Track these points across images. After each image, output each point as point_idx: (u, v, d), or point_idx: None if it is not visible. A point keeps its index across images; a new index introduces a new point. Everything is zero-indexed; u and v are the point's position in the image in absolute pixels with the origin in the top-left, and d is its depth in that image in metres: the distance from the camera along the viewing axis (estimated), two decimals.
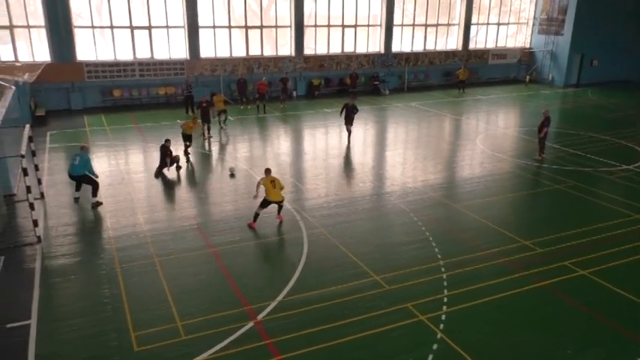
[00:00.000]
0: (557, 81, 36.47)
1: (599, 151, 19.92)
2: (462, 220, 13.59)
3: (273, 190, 12.72)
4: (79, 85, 26.24)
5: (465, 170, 17.92)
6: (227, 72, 29.03)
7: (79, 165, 13.87)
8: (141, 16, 27.02)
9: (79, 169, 13.88)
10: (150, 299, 9.71)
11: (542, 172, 17.44)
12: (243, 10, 29.26)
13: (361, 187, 15.68)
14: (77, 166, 13.87)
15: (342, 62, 32.30)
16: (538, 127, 18.69)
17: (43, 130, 21.79)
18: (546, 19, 36.60)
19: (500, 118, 26.73)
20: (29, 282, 10.24)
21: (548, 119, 18.39)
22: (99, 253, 11.46)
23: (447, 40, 36.24)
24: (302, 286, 10.23)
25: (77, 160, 13.90)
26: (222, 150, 19.77)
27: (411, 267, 10.99)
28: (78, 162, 13.88)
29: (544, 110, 18.90)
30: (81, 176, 13.93)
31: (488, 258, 11.45)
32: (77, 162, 13.88)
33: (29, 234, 12.11)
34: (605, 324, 9.22)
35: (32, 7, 24.98)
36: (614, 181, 16.64)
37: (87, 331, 8.76)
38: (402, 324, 9.03)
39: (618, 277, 10.72)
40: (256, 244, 12.10)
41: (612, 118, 25.70)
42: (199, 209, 14.13)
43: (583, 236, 12.60)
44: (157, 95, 28.01)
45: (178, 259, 11.28)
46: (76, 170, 13.89)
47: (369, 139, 22.38)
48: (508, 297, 9.96)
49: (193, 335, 8.67)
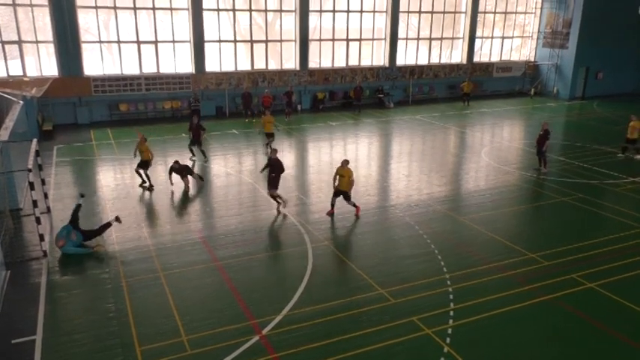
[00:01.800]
0: (562, 94, 36.46)
1: (606, 163, 19.86)
2: (468, 233, 13.54)
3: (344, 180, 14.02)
4: (86, 100, 26.46)
5: (470, 183, 17.88)
6: (232, 86, 29.22)
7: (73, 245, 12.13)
8: (147, 31, 27.31)
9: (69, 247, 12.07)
10: (155, 313, 9.69)
11: (548, 184, 17.38)
12: (248, 25, 29.52)
13: (366, 200, 15.67)
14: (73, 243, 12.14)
15: (346, 75, 32.45)
16: (537, 140, 18.73)
17: (50, 145, 21.94)
18: (551, 32, 36.71)
19: (505, 131, 26.71)
20: (35, 296, 10.25)
21: (547, 132, 18.42)
22: (104, 268, 11.48)
23: (452, 53, 36.37)
24: (307, 299, 10.20)
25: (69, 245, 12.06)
26: (226, 164, 19.83)
27: (417, 280, 10.94)
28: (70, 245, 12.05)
29: (543, 123, 18.96)
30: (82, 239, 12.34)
31: (494, 271, 11.38)
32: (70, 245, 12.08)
33: (35, 248, 12.14)
34: (613, 336, 9.13)
35: (40, 23, 25.30)
36: (621, 194, 16.56)
37: (92, 346, 8.74)
38: (408, 338, 8.97)
39: (625, 289, 10.64)
40: (261, 258, 12.09)
41: (618, 130, 25.61)
42: (204, 223, 14.15)
43: (590, 249, 12.52)
44: (162, 109, 28.19)
45: (184, 272, 11.27)
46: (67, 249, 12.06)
47: (374, 151, 22.40)
48: (515, 310, 9.89)
49: (199, 350, 8.64)
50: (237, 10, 28.94)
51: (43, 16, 25.19)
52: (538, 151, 18.75)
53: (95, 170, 18.74)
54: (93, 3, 25.75)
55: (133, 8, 26.52)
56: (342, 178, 14.09)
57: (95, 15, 26.10)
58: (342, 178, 14.09)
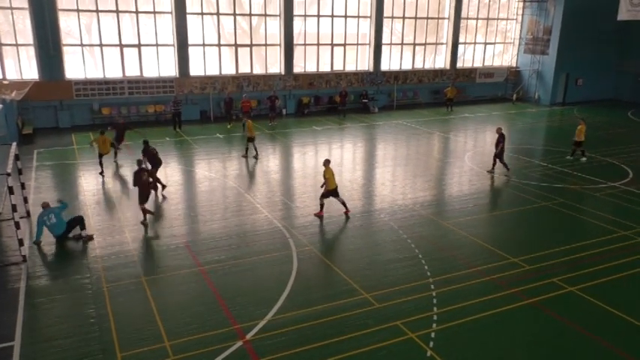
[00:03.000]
0: (543, 99, 36.97)
1: (586, 168, 20.15)
2: (452, 237, 13.62)
3: (333, 179, 14.43)
4: (67, 103, 26.15)
5: (453, 188, 18.01)
6: (217, 90, 29.10)
7: (57, 223, 12.66)
8: (130, 34, 27.10)
9: (59, 227, 12.70)
10: (137, 319, 9.58)
11: (529, 189, 17.57)
12: (232, 29, 29.46)
13: (351, 205, 15.69)
14: (56, 225, 12.66)
15: (331, 80, 32.54)
16: (495, 144, 19.14)
17: (30, 148, 21.63)
18: (532, 39, 37.23)
19: (487, 136, 26.95)
20: (14, 302, 10.08)
21: (503, 136, 18.85)
22: (85, 273, 11.32)
23: (435, 59, 36.68)
24: (291, 304, 10.16)
25: (53, 219, 12.60)
26: (210, 169, 19.72)
27: (401, 284, 10.97)
28: (55, 220, 12.62)
29: (497, 128, 19.35)
30: (65, 231, 12.80)
31: (477, 275, 11.46)
32: (54, 220, 12.61)
33: (14, 253, 11.95)
34: (593, 340, 9.24)
35: (21, 25, 24.98)
36: (601, 199, 16.80)
37: (72, 352, 8.61)
38: (392, 342, 8.98)
39: (606, 293, 10.78)
40: (245, 263, 12.01)
41: (598, 136, 26.03)
42: (188, 227, 14.04)
43: (571, 253, 12.68)
44: (146, 113, 27.95)
45: (166, 277, 11.17)
46: (58, 230, 12.72)
47: (359, 156, 22.46)
48: (497, 314, 9.97)
49: (181, 355, 8.55)
50: (221, 14, 28.88)
51: (24, 19, 24.89)
52: (496, 155, 19.06)
53: (76, 174, 18.51)
54: (74, 6, 25.51)
55: (116, 11, 26.32)
56: (328, 179, 14.46)
57: (77, 18, 25.84)
58: (328, 179, 14.46)
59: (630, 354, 8.84)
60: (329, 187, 14.54)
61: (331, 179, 14.48)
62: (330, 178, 14.46)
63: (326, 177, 14.45)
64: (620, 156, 22.06)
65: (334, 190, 14.66)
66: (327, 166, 14.49)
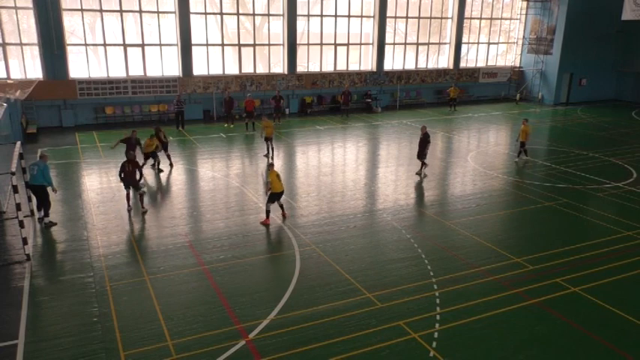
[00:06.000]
0: (546, 99, 36.89)
1: (589, 168, 20.10)
2: (454, 237, 13.60)
3: (278, 181, 13.98)
4: (71, 103, 26.23)
5: (456, 187, 17.99)
6: (219, 90, 29.13)
7: (37, 175, 13.37)
8: (134, 34, 27.17)
9: (38, 178, 13.40)
10: (140, 318, 9.60)
11: (533, 189, 17.54)
12: (236, 28, 29.49)
13: (353, 204, 15.69)
14: (36, 176, 13.38)
15: (334, 80, 32.54)
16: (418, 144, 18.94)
17: (34, 147, 21.68)
18: (535, 39, 37.15)
19: (490, 136, 26.93)
20: (17, 301, 10.10)
21: (427, 135, 18.64)
22: (88, 271, 11.35)
23: (439, 59, 36.64)
24: (294, 304, 10.17)
25: (35, 170, 13.37)
26: (213, 167, 19.74)
27: (404, 284, 10.96)
28: (36, 172, 13.36)
29: (422, 127, 19.17)
30: (39, 186, 13.44)
31: (480, 275, 11.45)
32: (35, 172, 13.36)
33: (18, 252, 11.98)
34: (596, 341, 9.21)
35: (25, 25, 25.06)
36: (605, 199, 16.76)
37: (75, 351, 8.63)
38: (395, 342, 8.98)
39: (609, 294, 10.75)
40: (248, 262, 12.03)
41: (601, 136, 25.98)
42: (191, 226, 14.05)
43: (574, 253, 12.65)
44: (149, 112, 28.01)
45: (169, 277, 11.18)
46: (36, 180, 13.40)
47: (362, 155, 22.45)
48: (500, 314, 9.95)
49: (184, 354, 8.56)
50: (224, 13, 28.92)
51: (28, 18, 24.97)
52: (419, 154, 18.88)
53: (80, 173, 18.55)
54: (78, 5, 25.58)
55: (120, 11, 26.39)
56: (273, 183, 13.95)
57: (81, 17, 25.91)
58: (273, 183, 13.95)
59: (634, 355, 8.81)
60: (274, 190, 13.95)
61: (275, 182, 13.95)
62: (274, 180, 13.92)
63: (269, 179, 13.93)
64: (624, 156, 22.00)
65: (279, 194, 14.17)
66: (271, 170, 14.10)
